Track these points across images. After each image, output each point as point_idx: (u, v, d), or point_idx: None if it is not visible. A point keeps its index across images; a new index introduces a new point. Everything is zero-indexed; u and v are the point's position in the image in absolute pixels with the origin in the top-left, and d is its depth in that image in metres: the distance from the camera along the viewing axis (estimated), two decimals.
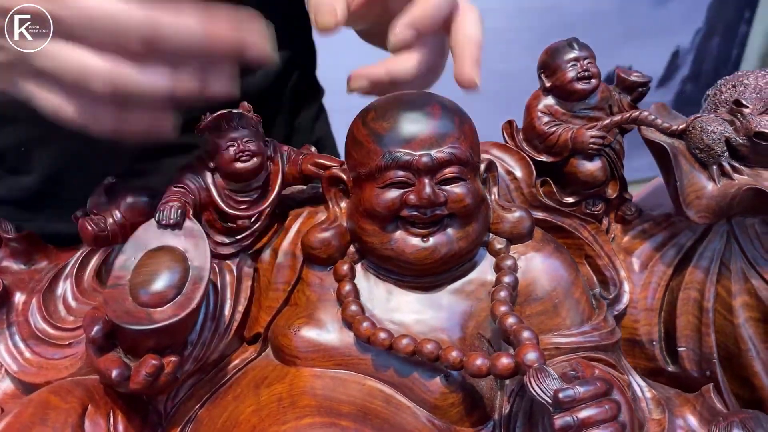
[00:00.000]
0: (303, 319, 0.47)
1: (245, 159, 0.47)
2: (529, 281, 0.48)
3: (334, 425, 0.41)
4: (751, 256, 0.50)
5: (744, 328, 0.50)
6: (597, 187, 0.53)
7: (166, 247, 0.44)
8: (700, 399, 0.48)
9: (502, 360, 0.41)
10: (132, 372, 0.41)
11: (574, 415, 0.37)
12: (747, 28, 2.75)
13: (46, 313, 0.48)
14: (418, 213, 0.44)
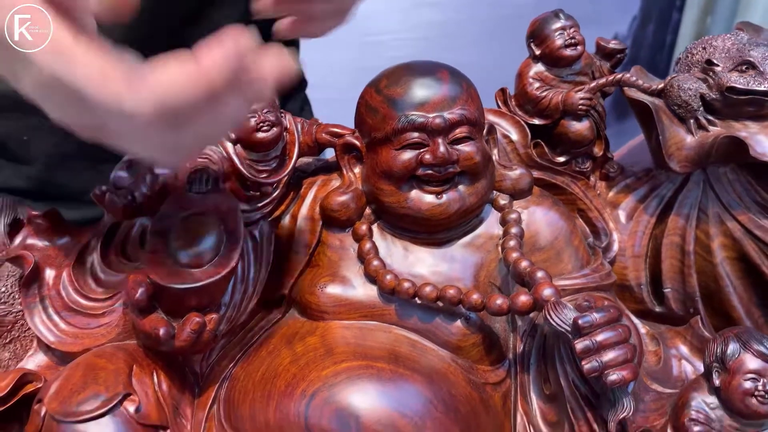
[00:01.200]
0: (327, 277, 0.51)
1: (266, 129, 0.49)
2: (533, 233, 0.52)
3: (370, 367, 0.45)
4: (726, 201, 0.56)
5: (722, 267, 0.56)
6: (585, 146, 0.58)
7: (201, 213, 0.46)
8: (689, 330, 0.53)
9: (521, 297, 0.45)
10: (177, 330, 0.44)
11: (592, 339, 0.41)
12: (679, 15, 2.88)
13: (77, 285, 0.49)
14: (432, 171, 0.48)
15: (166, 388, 0.45)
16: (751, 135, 0.52)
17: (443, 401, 0.45)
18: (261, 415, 0.44)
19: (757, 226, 0.55)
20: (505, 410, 0.48)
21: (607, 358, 0.41)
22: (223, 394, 0.48)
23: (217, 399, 0.48)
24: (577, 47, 0.56)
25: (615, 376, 0.41)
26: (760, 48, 0.52)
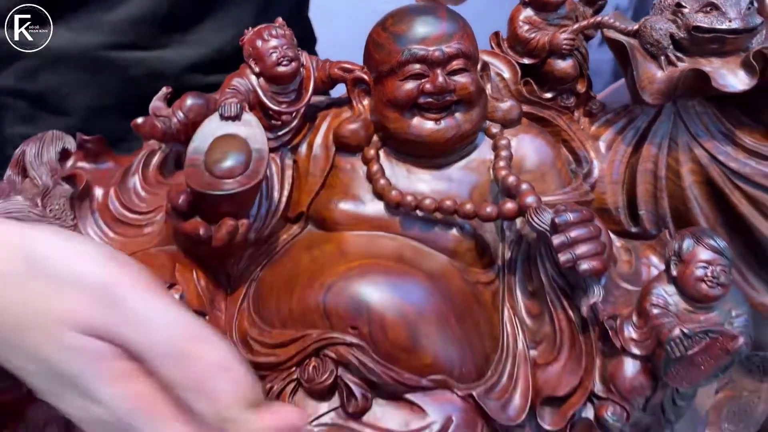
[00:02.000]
0: (340, 195, 0.58)
1: (285, 64, 0.56)
2: (520, 157, 0.59)
3: (378, 264, 0.52)
4: (693, 130, 0.62)
5: (690, 190, 0.63)
6: (569, 82, 0.64)
7: (231, 134, 0.53)
8: (659, 242, 0.60)
9: (508, 205, 0.52)
10: (214, 231, 0.51)
11: (567, 234, 0.49)
12: None
13: (123, 200, 0.57)
14: (432, 99, 0.55)
15: (204, 284, 0.53)
16: (715, 69, 0.59)
17: (441, 293, 0.52)
18: (285, 305, 0.52)
19: (721, 152, 0.62)
20: (495, 305, 0.55)
21: (579, 251, 0.49)
22: (252, 292, 0.55)
23: (246, 296, 0.55)
24: None
25: (586, 265, 0.48)
26: None
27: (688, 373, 0.48)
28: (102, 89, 0.76)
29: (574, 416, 0.51)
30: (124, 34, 0.76)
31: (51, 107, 0.78)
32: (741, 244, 0.63)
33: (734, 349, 0.48)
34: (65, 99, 0.77)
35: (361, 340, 0.50)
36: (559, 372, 0.52)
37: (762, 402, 0.72)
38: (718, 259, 0.49)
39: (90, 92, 0.77)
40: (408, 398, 0.50)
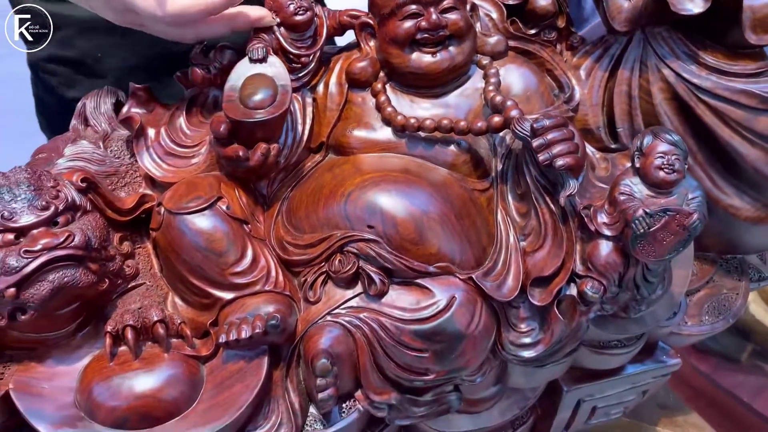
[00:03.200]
0: (354, 124, 0.68)
1: (302, 13, 0.66)
2: (508, 83, 0.69)
3: (388, 176, 0.62)
4: (660, 53, 0.71)
5: (660, 107, 0.71)
6: (549, 18, 0.73)
7: (260, 74, 0.63)
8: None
9: (495, 118, 0.62)
10: (250, 153, 0.62)
11: (544, 137, 0.58)
12: None
13: (172, 137, 0.67)
14: (427, 35, 0.64)
15: (245, 200, 0.64)
16: None
17: (442, 197, 0.62)
18: (313, 214, 0.62)
19: (686, 70, 0.70)
20: (489, 209, 0.65)
21: (555, 150, 0.58)
22: (285, 208, 0.65)
23: (280, 212, 0.65)
24: None
25: (561, 161, 0.58)
26: None
27: (653, 247, 0.58)
28: (130, 51, 0.87)
29: (559, 293, 0.61)
30: None
31: (88, 71, 0.90)
32: (709, 153, 0.72)
33: (689, 224, 0.57)
34: (99, 62, 0.89)
35: (377, 236, 0.60)
36: (544, 257, 0.61)
37: (740, 298, 0.82)
38: (673, 150, 0.58)
39: (120, 54, 0.88)
40: (418, 282, 0.60)
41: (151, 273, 0.64)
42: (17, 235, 0.54)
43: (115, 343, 0.58)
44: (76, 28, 0.89)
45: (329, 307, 0.60)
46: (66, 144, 0.69)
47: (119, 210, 0.62)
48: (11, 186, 0.55)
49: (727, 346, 1.36)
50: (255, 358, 0.59)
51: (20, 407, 0.55)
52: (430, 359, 0.59)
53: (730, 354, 1.35)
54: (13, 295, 0.52)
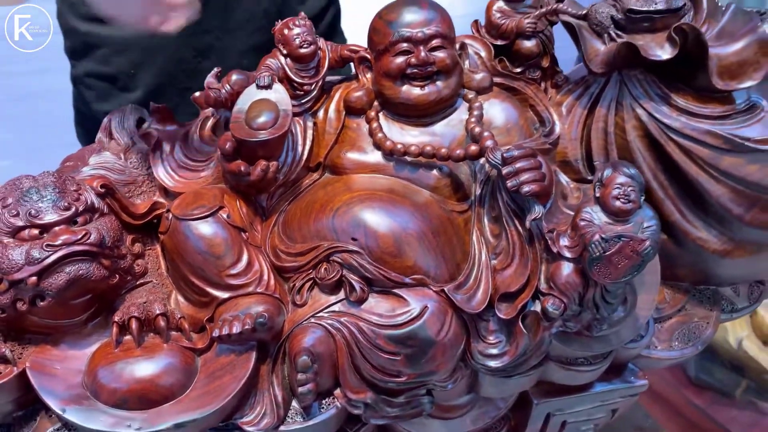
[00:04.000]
0: (348, 147, 0.75)
1: (306, 46, 0.74)
2: (491, 116, 0.75)
3: (373, 194, 0.69)
4: (635, 94, 0.77)
5: (634, 143, 0.77)
6: (534, 59, 0.80)
7: (265, 99, 0.71)
8: None
9: (472, 147, 0.68)
10: (251, 170, 0.69)
11: (513, 165, 0.64)
12: None
13: (185, 152, 0.75)
14: (417, 70, 0.71)
15: (245, 211, 0.71)
16: (646, 43, 0.74)
17: (422, 215, 0.68)
18: (305, 226, 0.69)
19: (657, 111, 0.76)
20: (466, 229, 0.71)
21: (522, 177, 0.64)
22: (281, 220, 0.72)
23: (277, 222, 0.72)
24: None
25: (527, 188, 0.64)
26: None
27: (608, 270, 0.63)
28: (160, 68, 0.96)
29: (524, 308, 0.67)
30: None
31: (121, 86, 0.99)
32: (679, 188, 0.77)
33: (642, 250, 0.62)
34: (132, 78, 0.98)
35: (360, 248, 0.66)
36: (511, 274, 0.67)
37: (710, 327, 0.86)
38: (630, 182, 0.63)
39: (151, 72, 0.97)
40: (395, 292, 0.66)
41: (159, 272, 0.71)
42: (41, 231, 0.61)
43: (121, 332, 0.65)
44: (113, 48, 0.99)
45: (314, 310, 0.66)
46: (91, 154, 0.77)
47: (133, 214, 0.69)
48: (39, 188, 0.63)
49: (723, 381, 1.39)
50: (244, 353, 0.66)
51: (34, 384, 0.63)
52: (403, 362, 0.65)
53: (726, 389, 1.38)
54: (35, 283, 0.60)
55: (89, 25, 0.96)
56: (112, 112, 0.81)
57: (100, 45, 0.99)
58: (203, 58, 0.84)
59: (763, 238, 0.77)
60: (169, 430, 0.63)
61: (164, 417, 0.63)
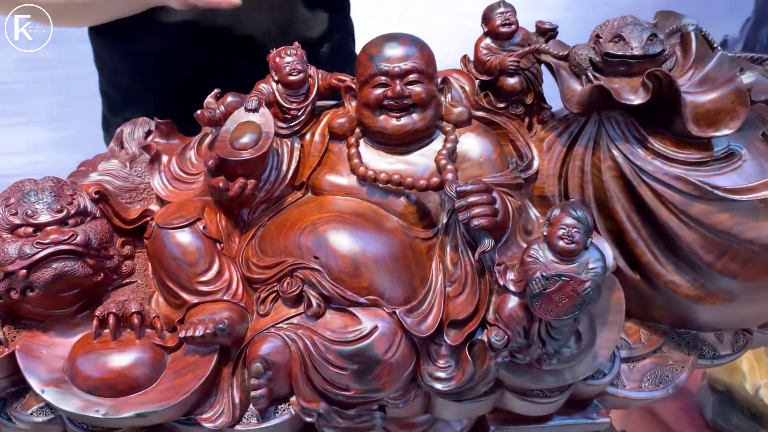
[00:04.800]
0: (327, 170, 0.80)
1: (295, 74, 0.79)
2: (466, 149, 0.78)
3: (340, 217, 0.74)
4: (612, 135, 0.78)
5: (608, 183, 0.78)
6: (517, 95, 0.82)
7: (250, 121, 0.76)
8: None
9: (434, 178, 0.72)
10: (230, 186, 0.75)
11: (466, 199, 0.67)
12: None
13: (180, 165, 0.82)
14: (393, 102, 0.75)
15: (224, 223, 0.77)
16: (621, 86, 0.75)
17: (382, 240, 0.72)
18: (276, 241, 0.74)
19: (632, 152, 0.77)
20: (428, 255, 0.74)
21: (473, 211, 0.67)
22: (259, 233, 0.78)
23: (255, 236, 0.78)
24: (511, 26, 0.81)
25: (476, 221, 0.67)
26: (630, 26, 0.75)
27: (549, 306, 0.65)
28: (170, 83, 1.05)
29: (472, 336, 0.69)
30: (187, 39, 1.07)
31: (137, 96, 1.09)
32: (652, 230, 0.78)
33: (582, 290, 0.64)
34: (146, 90, 1.08)
35: (320, 267, 0.71)
36: (461, 302, 0.70)
37: (685, 371, 0.85)
38: (576, 224, 0.65)
39: (161, 85, 1.06)
40: (349, 310, 0.70)
41: (145, 274, 0.78)
42: (35, 230, 0.69)
43: (101, 326, 0.72)
44: (129, 63, 1.09)
45: (274, 321, 0.71)
46: (102, 161, 0.85)
47: (124, 219, 0.76)
48: (38, 191, 0.70)
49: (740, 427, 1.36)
50: (207, 354, 0.71)
51: (20, 365, 0.70)
52: (350, 377, 0.69)
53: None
54: (24, 276, 0.67)
55: (109, 39, 1.06)
56: (125, 123, 0.88)
57: (118, 58, 1.09)
58: (209, 75, 0.91)
59: (735, 288, 0.77)
60: (131, 418, 0.69)
61: (129, 406, 0.69)
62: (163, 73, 1.07)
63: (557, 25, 0.84)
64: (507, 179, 0.77)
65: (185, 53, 1.04)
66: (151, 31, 1.04)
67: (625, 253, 0.80)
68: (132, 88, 1.10)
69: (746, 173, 0.75)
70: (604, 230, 0.80)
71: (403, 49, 0.76)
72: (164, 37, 1.05)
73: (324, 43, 1.15)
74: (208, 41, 1.06)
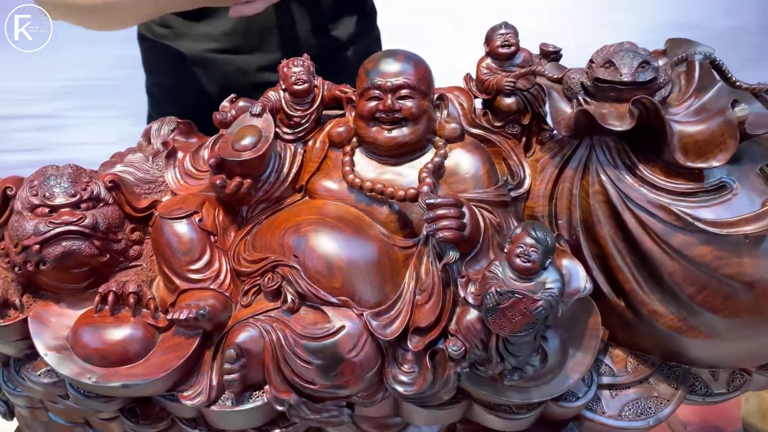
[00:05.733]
0: (323, 175, 0.84)
1: (300, 84, 0.84)
2: (455, 164, 0.81)
3: (323, 220, 0.78)
4: (601, 160, 0.78)
5: (595, 207, 0.78)
6: (513, 115, 0.84)
7: (252, 125, 0.82)
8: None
9: (410, 190, 0.75)
10: (227, 184, 0.80)
11: (433, 212, 0.70)
12: None
13: (193, 163, 0.89)
14: (384, 115, 0.79)
15: (222, 218, 0.83)
16: (609, 112, 0.75)
17: (360, 244, 0.76)
18: (265, 237, 0.80)
19: (619, 179, 0.77)
20: (404, 264, 0.77)
21: (439, 224, 0.70)
22: (255, 229, 0.83)
23: (250, 232, 0.83)
24: (510, 47, 0.83)
25: (441, 234, 0.69)
26: (622, 53, 0.75)
27: (503, 322, 0.66)
28: (208, 81, 1.13)
29: (434, 344, 0.72)
30: (222, 43, 1.16)
31: (178, 93, 1.18)
32: (636, 257, 0.78)
33: (533, 309, 0.65)
34: (188, 87, 1.17)
35: (298, 265, 0.75)
36: (426, 311, 0.72)
37: (670, 405, 0.84)
38: (534, 244, 0.66)
39: (201, 83, 1.15)
40: (321, 308, 0.75)
41: (151, 259, 0.85)
42: (50, 211, 0.77)
43: (102, 302, 0.79)
44: (173, 60, 1.19)
45: (254, 312, 0.76)
46: (129, 153, 0.93)
47: (135, 208, 0.84)
48: (57, 176, 0.79)
49: None
50: (191, 337, 0.77)
51: (30, 329, 0.79)
52: (314, 372, 0.73)
53: None
54: (37, 251, 0.76)
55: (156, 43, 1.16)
56: (153, 121, 0.97)
57: (164, 58, 1.19)
58: (243, 75, 0.98)
59: (717, 323, 0.75)
60: (117, 388, 0.76)
61: (116, 376, 0.76)
62: (204, 71, 1.17)
63: (560, 48, 0.85)
64: (490, 196, 0.79)
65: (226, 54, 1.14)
66: (195, 36, 1.14)
67: (610, 278, 0.79)
68: (177, 87, 1.20)
69: (734, 207, 0.73)
70: (589, 254, 0.80)
71: (398, 66, 0.79)
72: (206, 41, 1.15)
73: (350, 47, 1.22)
74: (246, 42, 1.15)
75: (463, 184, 0.80)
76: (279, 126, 0.86)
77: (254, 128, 0.82)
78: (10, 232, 0.78)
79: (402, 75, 0.79)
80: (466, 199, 0.77)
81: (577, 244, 0.80)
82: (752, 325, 0.75)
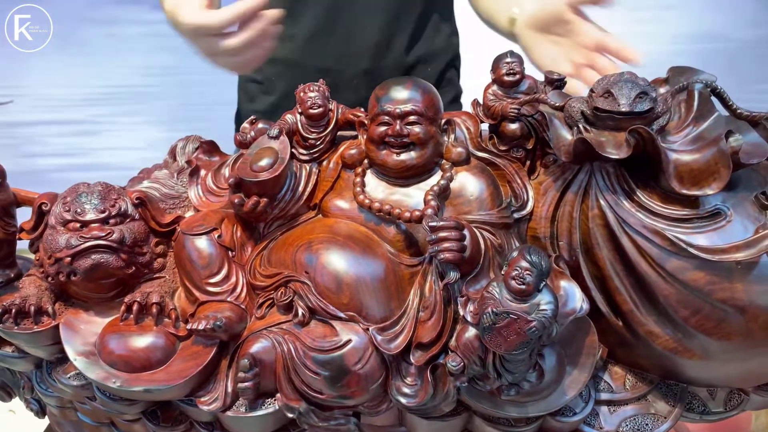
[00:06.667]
0: (335, 195, 0.89)
1: (315, 108, 0.89)
2: (461, 187, 0.85)
3: (333, 238, 0.82)
4: (601, 185, 0.81)
5: (594, 230, 0.82)
6: (517, 140, 0.87)
7: (269, 147, 0.87)
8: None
9: (416, 212, 0.79)
10: (245, 202, 0.86)
11: (435, 234, 0.74)
12: None
13: (214, 180, 0.94)
14: (393, 140, 0.83)
15: (240, 234, 0.88)
16: (607, 140, 0.79)
17: (368, 262, 0.80)
18: (279, 253, 0.84)
19: (617, 204, 0.80)
20: (410, 281, 0.82)
21: (441, 246, 0.74)
22: (271, 245, 0.88)
23: (267, 248, 0.88)
24: (515, 75, 0.86)
25: (442, 256, 0.73)
26: (620, 83, 0.78)
27: (498, 341, 0.70)
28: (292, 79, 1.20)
29: (435, 359, 0.76)
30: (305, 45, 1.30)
31: (265, 90, 1.33)
32: (633, 280, 0.81)
33: (527, 329, 0.69)
34: (273, 84, 1.33)
35: (309, 281, 0.80)
36: (428, 327, 0.77)
37: (667, 422, 0.87)
38: (528, 267, 0.70)
39: (285, 80, 1.30)
40: (330, 322, 0.79)
41: (173, 271, 0.91)
42: (81, 226, 0.83)
43: (128, 311, 0.85)
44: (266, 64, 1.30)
45: (267, 324, 0.81)
46: (156, 170, 0.99)
47: (159, 223, 0.89)
48: (88, 193, 0.85)
49: None
50: (208, 347, 0.83)
51: (61, 335, 0.85)
52: (322, 382, 0.78)
53: None
54: (69, 263, 0.82)
55: None
56: (179, 138, 1.02)
57: None
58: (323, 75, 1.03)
59: (711, 346, 0.78)
60: (140, 392, 0.81)
61: (139, 381, 0.82)
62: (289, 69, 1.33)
63: (564, 76, 0.88)
64: (493, 218, 0.83)
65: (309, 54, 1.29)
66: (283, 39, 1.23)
67: (609, 299, 0.83)
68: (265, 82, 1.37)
69: (727, 234, 0.76)
70: (589, 275, 0.83)
71: (407, 93, 0.83)
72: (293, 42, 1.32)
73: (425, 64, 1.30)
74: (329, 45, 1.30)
75: (468, 205, 0.83)
76: (295, 147, 0.91)
77: (271, 150, 0.87)
78: (44, 244, 0.84)
79: (410, 102, 0.83)
80: (470, 221, 0.81)
81: (577, 265, 0.83)
82: (744, 347, 0.77)
